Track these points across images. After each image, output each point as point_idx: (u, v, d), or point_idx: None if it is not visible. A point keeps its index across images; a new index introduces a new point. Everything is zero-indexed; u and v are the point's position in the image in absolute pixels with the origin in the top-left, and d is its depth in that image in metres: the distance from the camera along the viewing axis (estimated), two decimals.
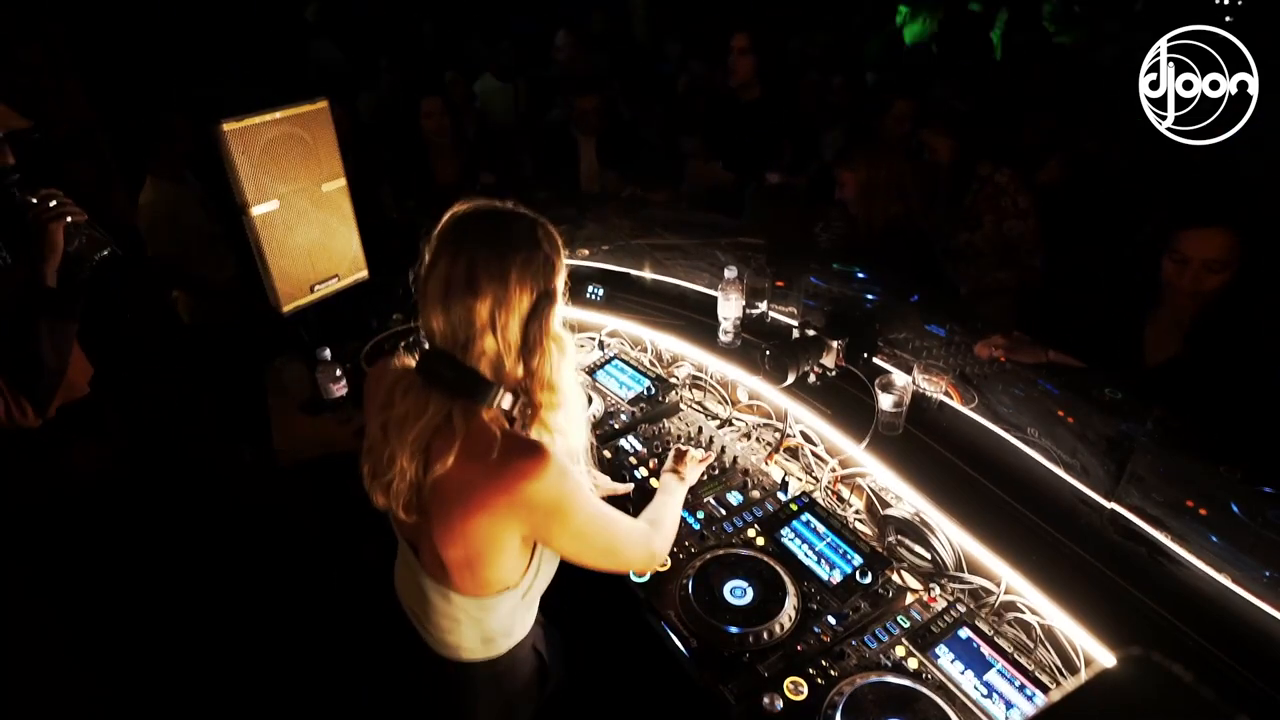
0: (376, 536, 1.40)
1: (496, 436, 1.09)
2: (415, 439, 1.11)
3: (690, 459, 1.75)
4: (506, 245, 1.09)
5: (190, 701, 2.30)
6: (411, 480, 1.13)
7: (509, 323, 1.10)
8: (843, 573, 1.55)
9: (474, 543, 1.13)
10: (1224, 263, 1.86)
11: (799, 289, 2.21)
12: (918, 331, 2.01)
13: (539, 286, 1.11)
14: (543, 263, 1.12)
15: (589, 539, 1.23)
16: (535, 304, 1.11)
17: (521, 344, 1.12)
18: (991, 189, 2.79)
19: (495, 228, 1.12)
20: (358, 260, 2.52)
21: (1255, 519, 1.32)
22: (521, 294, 1.09)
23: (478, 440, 1.10)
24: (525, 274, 1.09)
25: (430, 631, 1.30)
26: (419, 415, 1.11)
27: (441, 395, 1.11)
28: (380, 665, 2.39)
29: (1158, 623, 1.29)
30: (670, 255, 2.63)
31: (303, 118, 2.22)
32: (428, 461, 1.11)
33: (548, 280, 1.13)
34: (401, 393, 1.13)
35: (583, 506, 1.18)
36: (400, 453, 1.12)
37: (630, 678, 1.69)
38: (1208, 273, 1.88)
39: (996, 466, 1.63)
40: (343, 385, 2.40)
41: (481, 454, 1.09)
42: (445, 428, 1.11)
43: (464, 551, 1.14)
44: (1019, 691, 1.30)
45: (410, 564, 1.28)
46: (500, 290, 1.08)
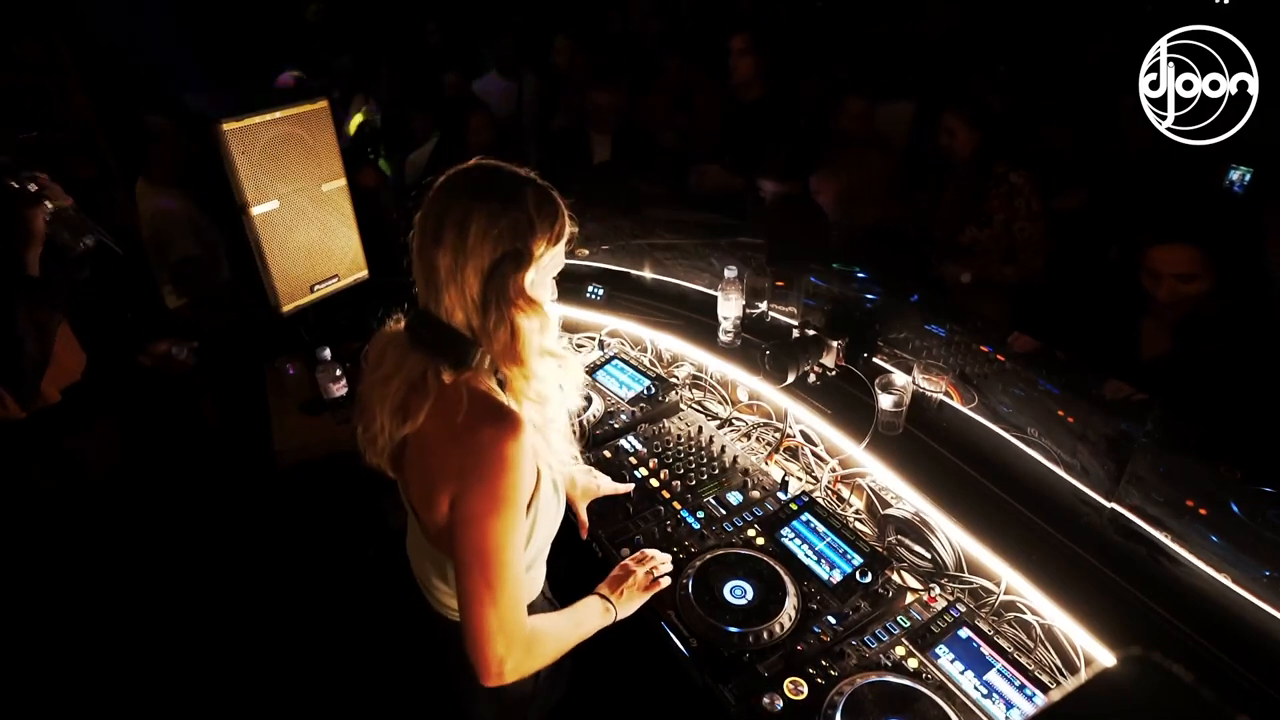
0: (377, 536, 1.40)
1: (464, 399, 1.07)
2: (393, 396, 1.11)
3: (630, 585, 1.43)
4: (476, 195, 1.05)
5: (190, 701, 2.30)
6: (389, 438, 1.14)
7: (468, 276, 1.05)
8: (843, 573, 1.55)
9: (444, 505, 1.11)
10: (1194, 274, 1.94)
11: (799, 289, 2.21)
12: (918, 331, 2.01)
13: (504, 244, 1.05)
14: (517, 220, 1.06)
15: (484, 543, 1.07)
16: (498, 261, 1.05)
17: (480, 303, 1.07)
18: (1007, 188, 2.79)
19: (478, 177, 1.09)
20: (358, 260, 2.53)
21: (1255, 519, 1.32)
22: (481, 248, 1.04)
23: (449, 401, 1.08)
24: (490, 227, 1.04)
25: (432, 594, 1.32)
26: (396, 372, 1.11)
27: (421, 354, 1.10)
28: (379, 664, 2.38)
29: (1158, 623, 1.29)
30: (670, 255, 2.63)
31: (302, 117, 2.22)
32: (404, 419, 1.11)
33: (519, 240, 1.06)
34: (390, 351, 1.14)
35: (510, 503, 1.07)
36: (380, 410, 1.12)
37: (630, 678, 1.69)
38: (1181, 284, 1.95)
39: (996, 466, 1.63)
40: (343, 385, 2.40)
41: (449, 415, 1.07)
42: (420, 386, 1.10)
43: (437, 515, 1.13)
44: (1019, 691, 1.30)
45: (414, 527, 1.29)
46: (459, 240, 1.04)
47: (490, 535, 1.07)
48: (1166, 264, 1.96)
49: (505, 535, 1.08)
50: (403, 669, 2.36)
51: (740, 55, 3.48)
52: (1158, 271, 1.99)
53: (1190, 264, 1.93)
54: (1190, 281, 1.95)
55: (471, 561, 1.08)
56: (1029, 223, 2.77)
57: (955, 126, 2.92)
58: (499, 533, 1.07)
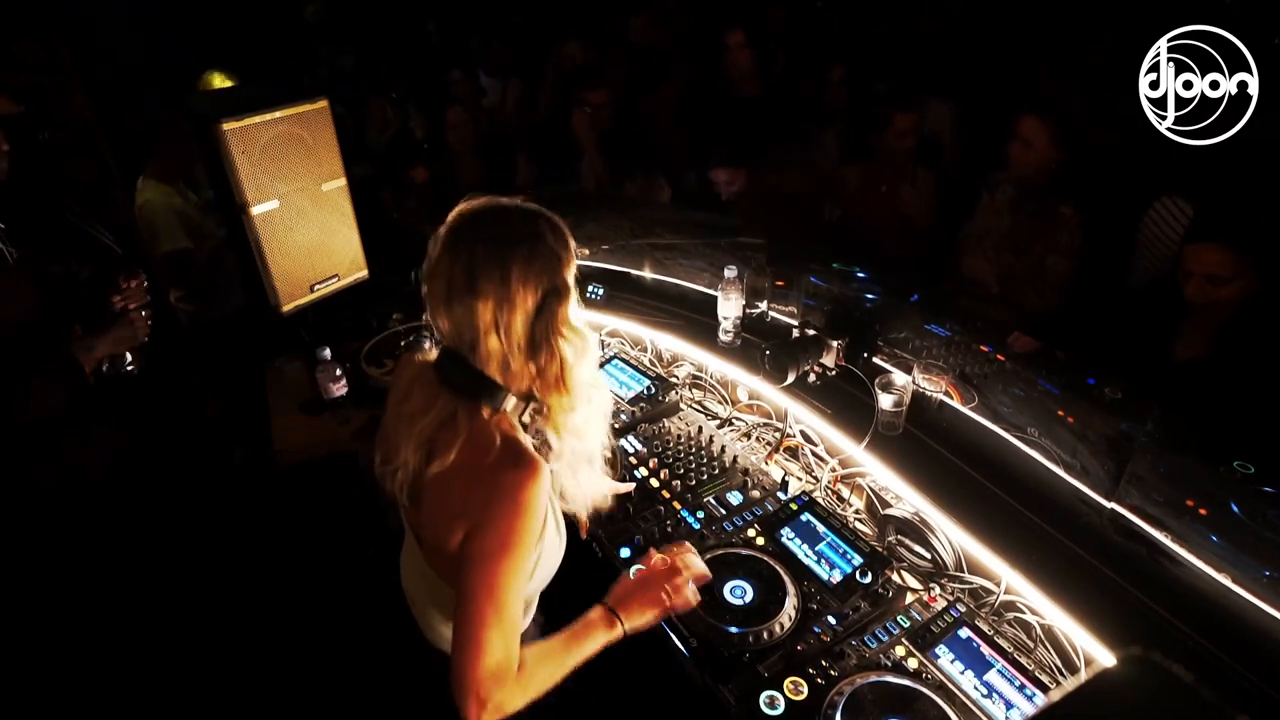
0: (377, 536, 1.40)
1: (496, 442, 1.08)
2: (420, 434, 1.12)
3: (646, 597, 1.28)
4: (506, 242, 1.07)
5: (190, 701, 2.30)
6: (412, 472, 1.14)
7: (513, 322, 1.07)
8: (843, 572, 1.55)
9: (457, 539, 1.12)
10: (1225, 277, 1.90)
11: (799, 289, 2.21)
12: (918, 331, 2.01)
13: (544, 283, 1.08)
14: (547, 257, 1.09)
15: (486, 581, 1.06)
16: (542, 301, 1.08)
17: (528, 344, 1.10)
18: (1053, 219, 2.59)
19: (495, 223, 1.10)
20: (358, 260, 2.52)
21: (1255, 519, 1.32)
22: (525, 292, 1.07)
23: (478, 442, 1.10)
24: (528, 271, 1.06)
25: (427, 620, 1.32)
26: (426, 411, 1.12)
27: (450, 394, 1.11)
28: (379, 664, 2.38)
29: (1158, 623, 1.29)
30: (670, 255, 2.63)
31: (303, 117, 2.22)
32: (429, 456, 1.12)
33: (554, 275, 1.09)
34: (419, 387, 1.14)
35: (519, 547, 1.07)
36: (405, 445, 1.13)
37: (630, 678, 1.69)
38: (1212, 285, 1.92)
39: (996, 466, 1.63)
40: (343, 385, 2.40)
41: (479, 457, 1.09)
42: (449, 426, 1.11)
43: (450, 546, 1.14)
44: (1019, 691, 1.30)
45: (413, 552, 1.30)
46: (502, 290, 1.05)
47: (496, 575, 1.07)
48: (1199, 263, 1.92)
49: (509, 576, 1.08)
50: (403, 670, 2.36)
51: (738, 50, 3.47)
52: (1189, 270, 1.95)
53: (1222, 265, 1.89)
54: (1222, 284, 1.90)
55: (472, 595, 1.08)
56: (1063, 258, 2.58)
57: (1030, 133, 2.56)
58: (504, 573, 1.08)
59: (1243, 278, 1.89)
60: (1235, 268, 1.89)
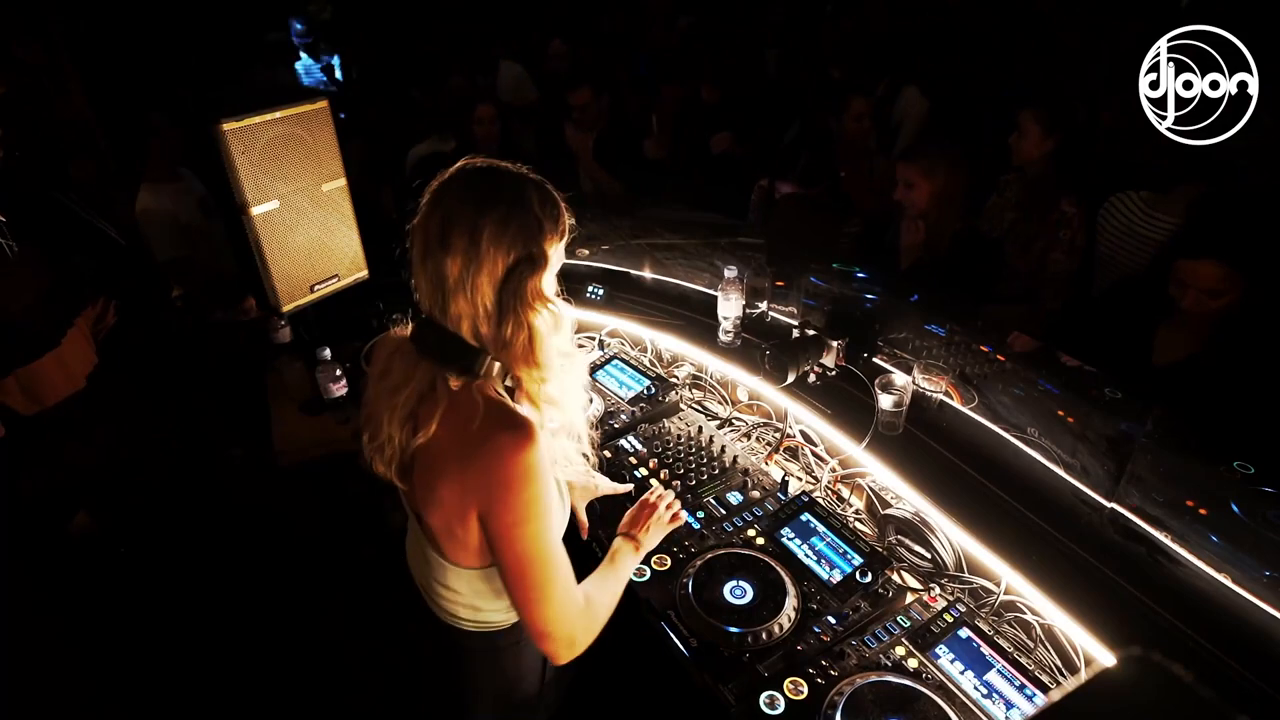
0: (377, 536, 1.40)
1: (480, 408, 1.06)
2: (401, 406, 1.10)
3: (655, 520, 1.51)
4: (485, 200, 1.03)
5: (190, 701, 2.30)
6: (398, 447, 1.13)
7: (480, 284, 1.04)
8: (843, 572, 1.55)
9: (450, 511, 1.12)
10: (1220, 290, 1.93)
11: (799, 289, 2.22)
12: (918, 331, 2.01)
13: (518, 248, 1.04)
14: (526, 222, 1.04)
15: (523, 550, 1.09)
16: (512, 267, 1.04)
17: (496, 310, 1.06)
18: (1057, 217, 2.58)
19: (480, 182, 1.06)
20: (358, 260, 2.52)
21: (1255, 519, 1.32)
22: (495, 254, 1.02)
23: (461, 409, 1.07)
24: (502, 233, 1.02)
25: (433, 600, 1.32)
26: (406, 383, 1.10)
27: (429, 363, 1.10)
28: (379, 663, 2.38)
29: (1158, 623, 1.29)
30: (670, 255, 2.64)
31: (303, 117, 2.22)
32: (414, 429, 1.10)
33: (530, 243, 1.05)
34: (398, 360, 1.13)
35: (537, 509, 1.07)
36: (389, 421, 1.11)
37: (630, 677, 1.69)
38: (1211, 298, 1.94)
39: (996, 466, 1.63)
40: (343, 385, 2.40)
41: (463, 423, 1.06)
42: (429, 396, 1.09)
43: (444, 520, 1.13)
44: (1019, 691, 1.30)
45: (416, 532, 1.29)
46: (471, 247, 1.02)
47: (527, 543, 1.08)
48: (1197, 279, 1.95)
49: (539, 539, 1.09)
50: (404, 670, 2.36)
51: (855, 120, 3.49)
52: (1184, 282, 1.98)
53: (1217, 280, 1.92)
54: (1217, 297, 1.94)
55: (515, 569, 1.10)
56: (1064, 256, 2.57)
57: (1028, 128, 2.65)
58: (533, 538, 1.08)
59: (1240, 285, 1.92)
60: (1233, 280, 1.92)
